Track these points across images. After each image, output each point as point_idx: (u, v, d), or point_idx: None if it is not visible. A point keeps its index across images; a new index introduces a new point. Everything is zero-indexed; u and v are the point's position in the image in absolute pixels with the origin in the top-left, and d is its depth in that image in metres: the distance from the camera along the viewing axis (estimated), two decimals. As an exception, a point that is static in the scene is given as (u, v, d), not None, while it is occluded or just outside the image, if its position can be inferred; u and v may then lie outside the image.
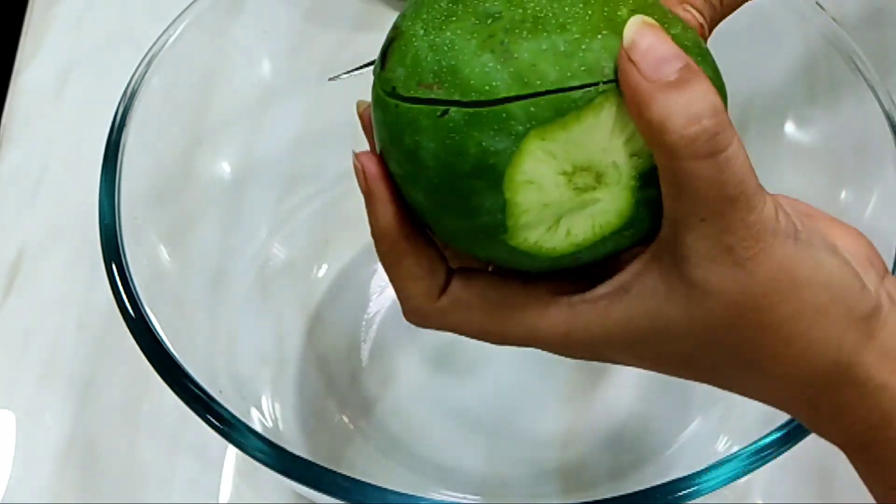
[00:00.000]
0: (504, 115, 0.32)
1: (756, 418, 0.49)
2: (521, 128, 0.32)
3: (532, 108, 0.32)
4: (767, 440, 0.42)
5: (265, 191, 0.61)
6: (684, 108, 0.31)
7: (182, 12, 0.54)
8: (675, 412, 0.56)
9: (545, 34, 0.32)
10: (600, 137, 0.33)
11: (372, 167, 0.37)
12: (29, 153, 0.67)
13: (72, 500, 0.56)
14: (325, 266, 0.61)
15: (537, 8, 0.33)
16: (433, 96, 0.33)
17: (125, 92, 0.51)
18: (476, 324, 0.36)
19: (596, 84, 0.32)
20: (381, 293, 0.60)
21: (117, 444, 0.57)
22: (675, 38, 0.33)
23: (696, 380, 0.36)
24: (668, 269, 0.33)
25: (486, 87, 0.32)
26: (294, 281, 0.60)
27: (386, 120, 0.36)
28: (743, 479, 0.42)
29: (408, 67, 0.34)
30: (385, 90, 0.36)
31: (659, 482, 0.42)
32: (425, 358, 0.58)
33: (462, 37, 0.33)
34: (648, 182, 0.33)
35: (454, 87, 0.33)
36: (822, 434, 0.36)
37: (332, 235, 0.61)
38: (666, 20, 0.34)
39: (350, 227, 0.62)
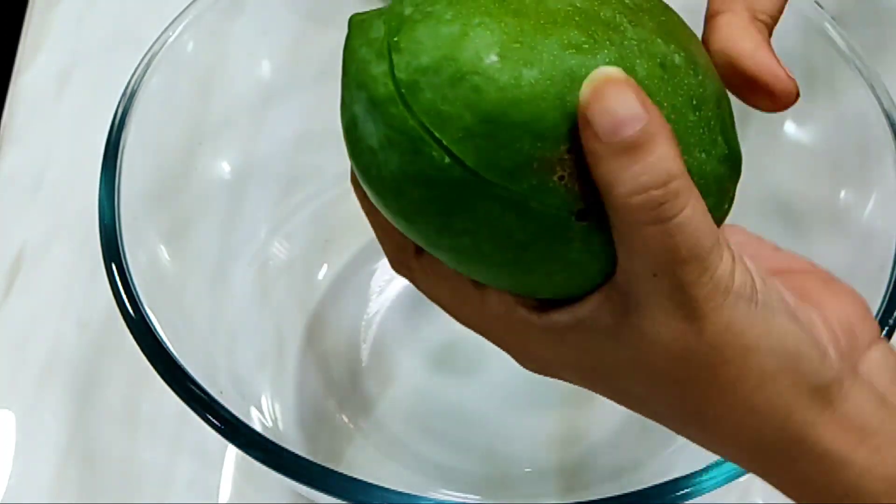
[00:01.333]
0: None
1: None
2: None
3: None
4: (767, 440, 0.42)
5: (265, 191, 0.61)
6: (633, 176, 0.30)
7: (182, 12, 0.54)
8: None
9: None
10: None
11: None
12: (29, 153, 0.67)
13: (72, 500, 0.56)
14: (325, 266, 0.61)
15: None
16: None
17: (125, 92, 0.51)
18: (442, 298, 0.37)
19: None
20: (381, 293, 0.60)
21: (117, 444, 0.57)
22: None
23: (652, 419, 0.36)
24: (620, 313, 0.33)
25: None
26: (294, 281, 0.60)
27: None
28: (743, 479, 0.42)
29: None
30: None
31: (659, 482, 0.42)
32: (425, 358, 0.58)
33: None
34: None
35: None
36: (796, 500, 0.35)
37: (332, 235, 0.61)
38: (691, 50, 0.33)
39: (350, 227, 0.62)
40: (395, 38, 0.32)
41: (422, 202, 0.33)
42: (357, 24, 0.35)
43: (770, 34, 0.36)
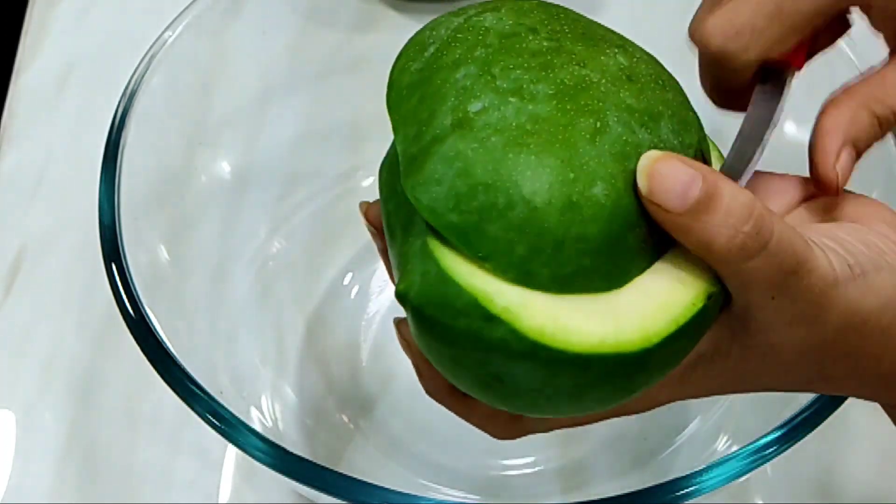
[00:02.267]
0: None
1: (756, 418, 0.49)
2: None
3: None
4: (767, 440, 0.42)
5: (265, 191, 0.61)
6: (722, 223, 0.32)
7: (182, 12, 0.54)
8: (675, 412, 0.56)
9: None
10: None
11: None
12: (29, 153, 0.67)
13: (72, 500, 0.56)
14: (325, 266, 0.61)
15: None
16: None
17: (125, 92, 0.51)
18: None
19: None
20: (381, 293, 0.60)
21: (117, 444, 0.57)
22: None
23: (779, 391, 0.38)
24: (742, 342, 0.35)
25: None
26: (294, 281, 0.60)
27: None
28: (743, 479, 0.42)
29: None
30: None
31: (659, 482, 0.42)
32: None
33: None
34: None
35: None
36: None
37: (332, 235, 0.61)
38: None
39: (350, 226, 0.62)
40: None
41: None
42: None
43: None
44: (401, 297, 0.33)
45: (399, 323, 0.38)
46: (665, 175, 0.32)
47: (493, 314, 0.32)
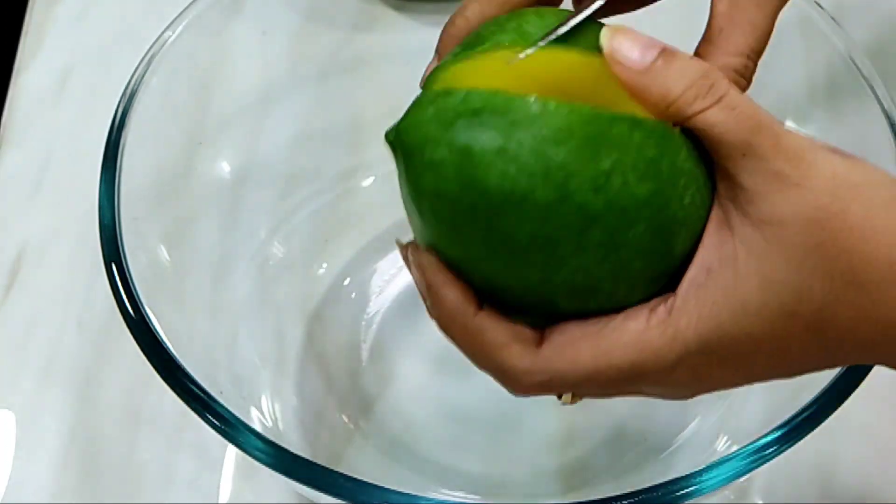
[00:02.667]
0: None
1: (756, 418, 0.49)
2: None
3: None
4: (767, 440, 0.42)
5: (265, 191, 0.61)
6: (678, 78, 0.35)
7: (182, 12, 0.54)
8: (675, 412, 0.56)
9: None
10: None
11: (423, 257, 0.37)
12: (29, 153, 0.67)
13: (72, 500, 0.56)
14: (325, 266, 0.61)
15: None
16: None
17: (125, 92, 0.51)
18: (584, 360, 0.36)
19: None
20: (381, 293, 0.60)
21: (117, 444, 0.57)
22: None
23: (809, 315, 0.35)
24: (739, 226, 0.35)
25: None
26: (294, 281, 0.60)
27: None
28: (743, 479, 0.42)
29: None
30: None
31: (659, 482, 0.42)
32: (425, 358, 0.58)
33: None
34: None
35: None
36: None
37: (332, 235, 0.61)
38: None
39: (350, 227, 0.62)
40: None
41: None
42: None
43: (751, 74, 0.40)
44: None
45: (407, 246, 0.39)
46: (627, 37, 0.35)
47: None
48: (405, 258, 0.39)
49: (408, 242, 0.39)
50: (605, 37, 0.36)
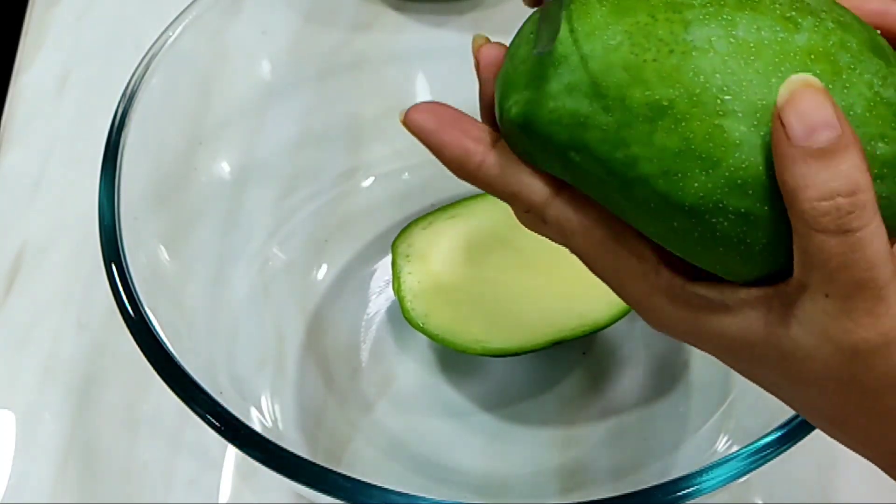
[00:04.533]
0: None
1: (756, 418, 0.49)
2: None
3: None
4: (767, 440, 0.42)
5: (265, 191, 0.61)
6: (823, 181, 0.30)
7: (182, 12, 0.54)
8: (676, 412, 0.56)
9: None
10: None
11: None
12: (29, 153, 0.67)
13: (72, 500, 0.56)
14: (324, 266, 0.61)
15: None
16: None
17: (125, 92, 0.51)
18: (578, 245, 0.35)
19: None
20: (381, 293, 0.60)
21: (117, 444, 0.57)
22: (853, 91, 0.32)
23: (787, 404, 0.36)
24: (776, 322, 0.33)
25: None
26: (294, 281, 0.60)
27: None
28: (743, 479, 0.42)
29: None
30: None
31: (659, 482, 0.42)
32: (425, 358, 0.58)
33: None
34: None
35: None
36: None
37: (332, 235, 0.61)
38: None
39: (350, 227, 0.62)
40: None
41: None
42: None
43: None
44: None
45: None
46: (807, 103, 0.31)
47: None
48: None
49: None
50: (786, 87, 0.31)
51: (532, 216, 0.35)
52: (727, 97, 0.32)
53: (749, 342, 0.33)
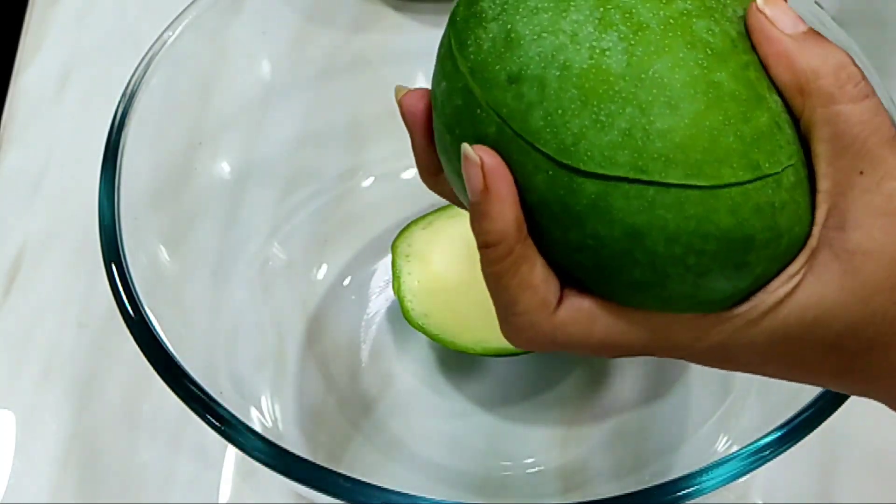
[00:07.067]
0: None
1: (756, 418, 0.49)
2: None
3: None
4: (767, 440, 0.42)
5: (265, 191, 0.61)
6: (831, 56, 0.32)
7: (182, 12, 0.54)
8: (675, 412, 0.56)
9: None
10: None
11: (492, 160, 0.33)
12: (29, 153, 0.67)
13: (72, 500, 0.56)
14: (324, 266, 0.61)
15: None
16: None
17: (125, 92, 0.51)
18: (598, 335, 0.34)
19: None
20: (381, 293, 0.60)
21: (117, 444, 0.57)
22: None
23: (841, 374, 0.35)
24: (830, 238, 0.32)
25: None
26: (294, 281, 0.60)
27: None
28: (743, 479, 0.42)
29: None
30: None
31: (659, 482, 0.42)
32: (425, 358, 0.58)
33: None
34: None
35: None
36: None
37: (332, 235, 0.61)
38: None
39: (350, 227, 0.62)
40: None
41: None
42: None
43: None
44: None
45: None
46: (781, 5, 0.33)
47: None
48: (467, 157, 0.33)
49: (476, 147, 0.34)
50: None
51: (545, 322, 0.34)
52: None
53: (824, 307, 0.32)
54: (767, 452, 0.42)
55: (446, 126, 0.35)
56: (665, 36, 0.32)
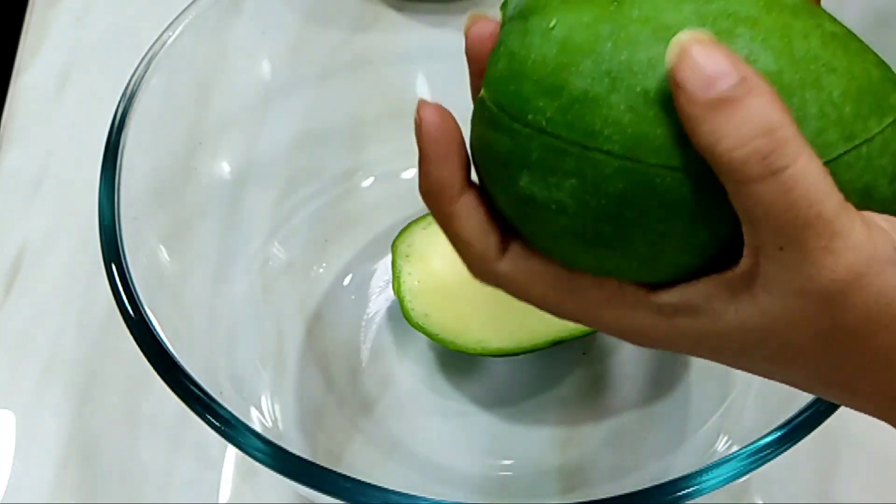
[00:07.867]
0: None
1: (756, 418, 0.49)
2: None
3: None
4: (767, 440, 0.42)
5: (265, 191, 0.61)
6: (735, 129, 0.28)
7: (182, 12, 0.54)
8: (675, 412, 0.56)
9: None
10: None
11: (432, 119, 0.33)
12: (29, 153, 0.67)
13: (72, 500, 0.56)
14: (325, 266, 0.61)
15: None
16: None
17: (125, 92, 0.51)
18: (536, 295, 0.34)
19: None
20: (381, 293, 0.60)
21: (117, 444, 0.57)
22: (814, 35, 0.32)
23: (786, 384, 0.34)
24: (744, 298, 0.31)
25: None
26: (294, 281, 0.60)
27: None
28: (743, 479, 0.42)
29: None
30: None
31: (659, 482, 0.42)
32: (425, 358, 0.58)
33: None
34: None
35: None
36: None
37: (332, 235, 0.61)
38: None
39: (350, 227, 0.62)
40: None
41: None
42: None
43: None
44: None
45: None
46: (699, 57, 0.29)
47: None
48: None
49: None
50: (673, 46, 0.29)
51: (486, 271, 0.35)
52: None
53: (726, 334, 0.32)
54: (767, 452, 0.42)
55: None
56: (770, 15, 0.32)
